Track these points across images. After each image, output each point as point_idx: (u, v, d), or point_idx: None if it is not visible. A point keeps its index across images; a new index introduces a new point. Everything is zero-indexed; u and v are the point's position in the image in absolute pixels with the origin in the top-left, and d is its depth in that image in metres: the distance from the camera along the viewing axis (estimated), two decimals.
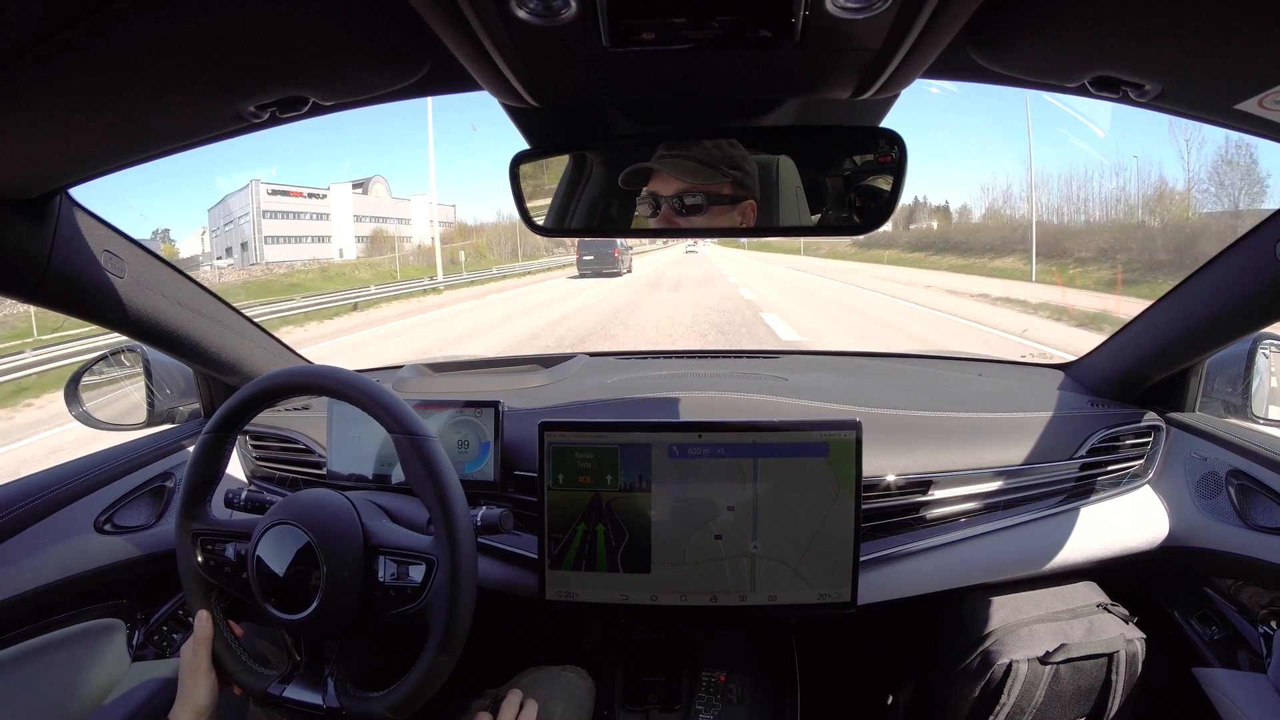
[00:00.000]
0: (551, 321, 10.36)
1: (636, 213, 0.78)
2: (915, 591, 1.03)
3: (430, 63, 0.66)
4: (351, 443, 1.08)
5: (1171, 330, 1.05)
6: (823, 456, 0.93)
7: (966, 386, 1.31)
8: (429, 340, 9.73)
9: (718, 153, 0.74)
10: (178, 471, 1.15)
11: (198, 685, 0.77)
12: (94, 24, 0.46)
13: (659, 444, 0.94)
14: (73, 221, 0.81)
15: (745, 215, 0.75)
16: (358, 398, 0.79)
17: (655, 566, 0.95)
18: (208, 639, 0.79)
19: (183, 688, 0.77)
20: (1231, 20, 0.49)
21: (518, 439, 1.06)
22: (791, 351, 1.67)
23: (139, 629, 1.08)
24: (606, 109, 0.78)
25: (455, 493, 0.76)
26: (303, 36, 0.56)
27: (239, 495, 0.91)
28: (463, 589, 0.74)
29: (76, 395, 1.17)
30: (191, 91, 0.60)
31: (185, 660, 0.79)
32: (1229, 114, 0.62)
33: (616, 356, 1.60)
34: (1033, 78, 0.66)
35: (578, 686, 0.98)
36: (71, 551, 0.98)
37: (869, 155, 0.77)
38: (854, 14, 0.51)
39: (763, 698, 1.06)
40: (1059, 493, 1.08)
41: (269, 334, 1.26)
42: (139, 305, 0.93)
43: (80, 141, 0.67)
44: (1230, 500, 1.00)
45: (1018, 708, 1.00)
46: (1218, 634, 1.03)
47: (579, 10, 0.50)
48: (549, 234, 0.82)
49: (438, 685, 0.75)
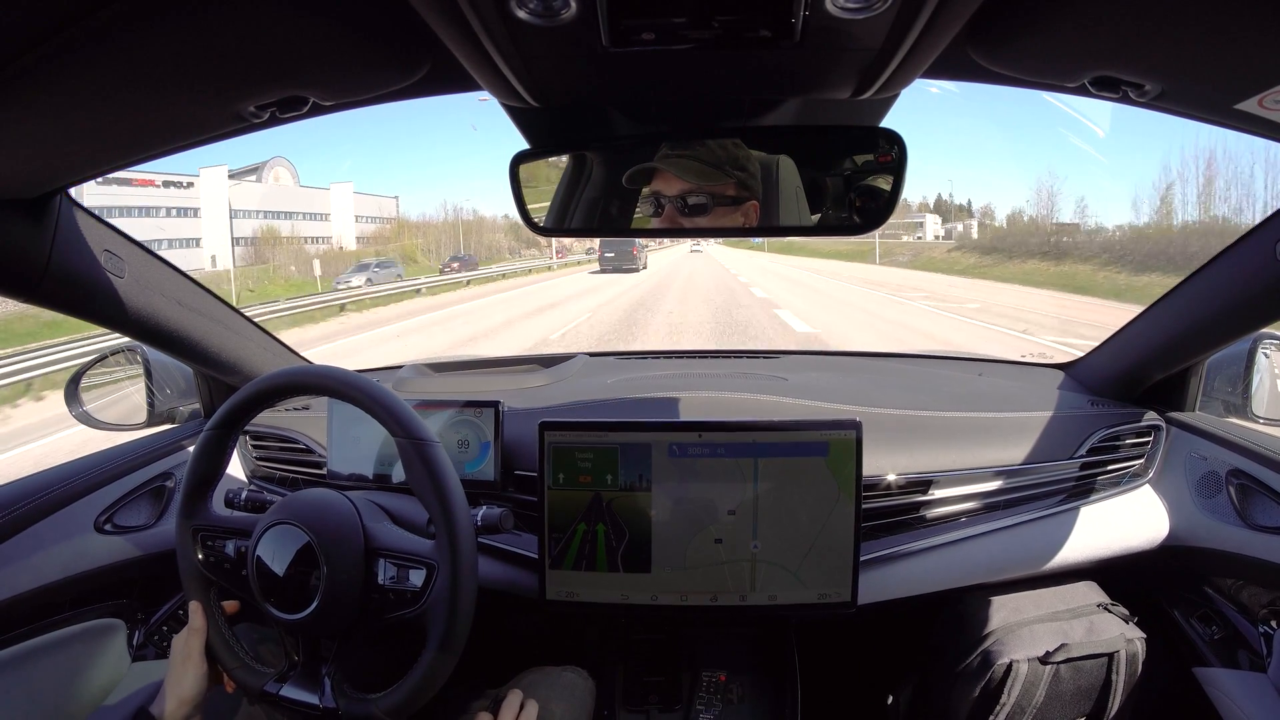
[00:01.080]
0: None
1: (638, 212, 0.78)
2: (915, 591, 1.03)
3: (430, 63, 0.66)
4: (351, 443, 1.08)
5: (1171, 330, 1.05)
6: (823, 456, 0.93)
7: (966, 386, 1.31)
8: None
9: (722, 153, 0.74)
10: (178, 471, 1.15)
11: (185, 673, 0.77)
12: (94, 24, 0.46)
13: (659, 444, 0.94)
14: (73, 221, 0.81)
15: (748, 215, 0.75)
16: (360, 399, 0.79)
17: (655, 566, 0.95)
18: (200, 629, 0.80)
19: (170, 674, 0.77)
20: (1231, 20, 0.49)
21: (518, 439, 1.06)
22: (791, 351, 1.68)
23: (139, 629, 1.08)
24: (606, 109, 0.78)
25: (457, 499, 0.76)
26: (303, 36, 0.56)
27: (239, 495, 0.91)
28: (462, 595, 0.74)
29: (76, 395, 1.17)
30: (191, 91, 0.60)
31: (176, 649, 0.79)
32: (1229, 114, 0.62)
33: (616, 356, 1.60)
34: (1033, 78, 0.66)
35: (578, 686, 0.98)
36: (71, 551, 0.98)
37: (869, 155, 0.77)
38: (854, 14, 0.51)
39: (763, 697, 1.06)
40: (1059, 492, 1.08)
41: (269, 334, 1.26)
42: (139, 305, 0.93)
43: (80, 141, 0.67)
44: (1230, 500, 1.00)
45: (1018, 708, 1.00)
46: (1218, 634, 1.03)
47: (579, 10, 0.50)
48: (549, 234, 0.82)
49: (435, 689, 0.75)
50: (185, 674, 0.77)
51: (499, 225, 38.33)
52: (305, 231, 30.62)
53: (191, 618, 0.80)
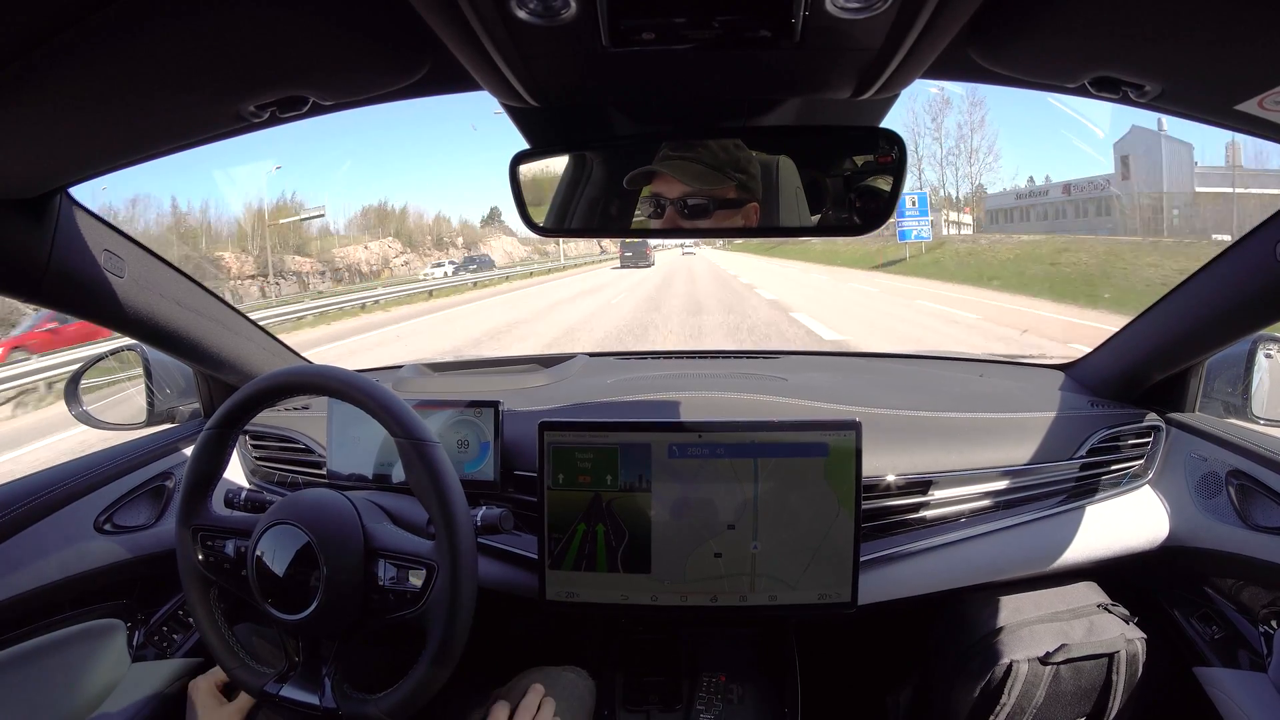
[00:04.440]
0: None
1: (638, 213, 0.78)
2: (915, 591, 1.03)
3: (430, 63, 0.66)
4: (351, 442, 1.08)
5: (1172, 330, 1.05)
6: (823, 456, 0.93)
7: (966, 386, 1.31)
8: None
9: (724, 155, 0.74)
10: (177, 471, 1.15)
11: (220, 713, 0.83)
12: (94, 24, 0.46)
13: (659, 444, 0.94)
14: (73, 221, 0.81)
15: (749, 217, 0.75)
16: (360, 399, 0.79)
17: (655, 566, 0.95)
18: (209, 676, 0.87)
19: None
20: (1231, 20, 0.49)
21: (518, 439, 1.06)
22: (791, 351, 1.68)
23: (139, 629, 1.08)
24: (606, 109, 0.78)
25: (458, 500, 0.76)
26: (303, 36, 0.56)
27: (239, 495, 0.91)
28: (462, 596, 0.74)
29: (76, 395, 1.17)
30: (191, 91, 0.60)
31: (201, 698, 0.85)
32: (1229, 114, 0.62)
33: (616, 356, 1.60)
34: (1033, 78, 0.66)
35: (578, 687, 0.98)
36: (71, 551, 0.98)
37: (869, 155, 0.77)
38: (854, 14, 0.51)
39: (763, 698, 1.06)
40: (1059, 493, 1.08)
41: (269, 334, 1.26)
42: (139, 305, 0.93)
43: (80, 141, 0.67)
44: (1230, 500, 1.00)
45: (1018, 708, 0.99)
46: (1218, 634, 1.03)
47: (579, 10, 0.50)
48: (549, 234, 0.82)
49: (435, 690, 0.75)
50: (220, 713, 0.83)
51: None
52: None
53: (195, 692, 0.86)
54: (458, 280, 21.89)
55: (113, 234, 0.87)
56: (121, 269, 0.89)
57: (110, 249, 0.87)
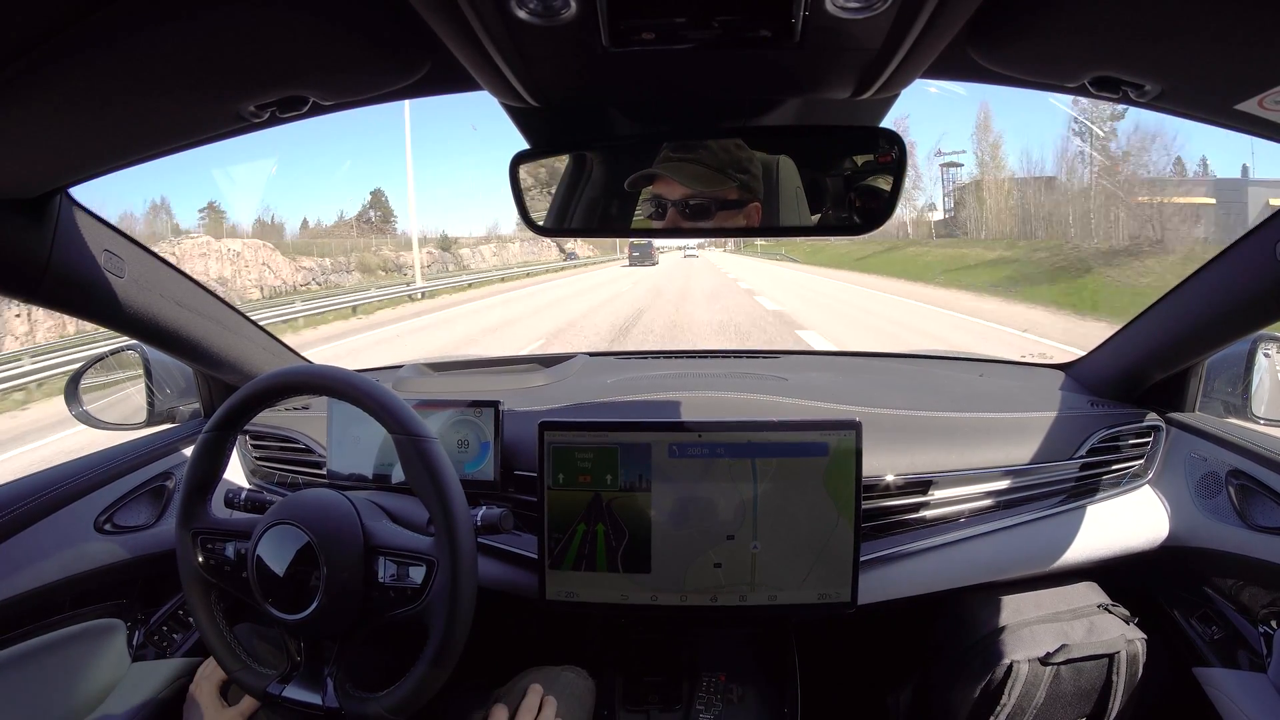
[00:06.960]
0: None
1: (639, 213, 0.78)
2: (916, 591, 1.03)
3: (430, 63, 0.66)
4: (351, 442, 1.08)
5: (1172, 330, 1.05)
6: (823, 456, 0.93)
7: (967, 386, 1.31)
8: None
9: (725, 156, 0.74)
10: (178, 471, 1.15)
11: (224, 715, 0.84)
12: (94, 24, 0.47)
13: (659, 444, 0.94)
14: (73, 221, 0.81)
15: (750, 217, 0.75)
16: (358, 398, 0.79)
17: (655, 566, 0.95)
18: (209, 675, 0.88)
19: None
20: (1231, 20, 0.49)
21: (518, 439, 1.06)
22: (791, 351, 1.68)
23: (139, 629, 1.08)
24: (607, 109, 0.78)
25: (456, 494, 0.76)
26: (303, 36, 0.56)
27: (239, 495, 0.91)
28: (463, 591, 0.74)
29: (76, 395, 1.17)
30: (191, 91, 0.60)
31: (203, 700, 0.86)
32: (1229, 114, 0.62)
33: (616, 356, 1.60)
34: (1033, 78, 0.66)
35: (578, 686, 0.98)
36: (71, 551, 0.98)
37: (869, 155, 0.77)
38: (854, 14, 0.51)
39: (763, 698, 1.06)
40: (1059, 493, 1.07)
41: (269, 334, 1.26)
42: (139, 305, 0.93)
43: (80, 141, 0.67)
44: (1230, 500, 1.00)
45: (1018, 708, 0.99)
46: (1218, 634, 1.03)
47: (579, 10, 0.50)
48: (549, 234, 0.82)
49: (437, 687, 0.75)
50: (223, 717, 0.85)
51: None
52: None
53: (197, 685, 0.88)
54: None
55: (113, 234, 0.87)
56: (121, 269, 0.89)
57: (110, 249, 0.87)
